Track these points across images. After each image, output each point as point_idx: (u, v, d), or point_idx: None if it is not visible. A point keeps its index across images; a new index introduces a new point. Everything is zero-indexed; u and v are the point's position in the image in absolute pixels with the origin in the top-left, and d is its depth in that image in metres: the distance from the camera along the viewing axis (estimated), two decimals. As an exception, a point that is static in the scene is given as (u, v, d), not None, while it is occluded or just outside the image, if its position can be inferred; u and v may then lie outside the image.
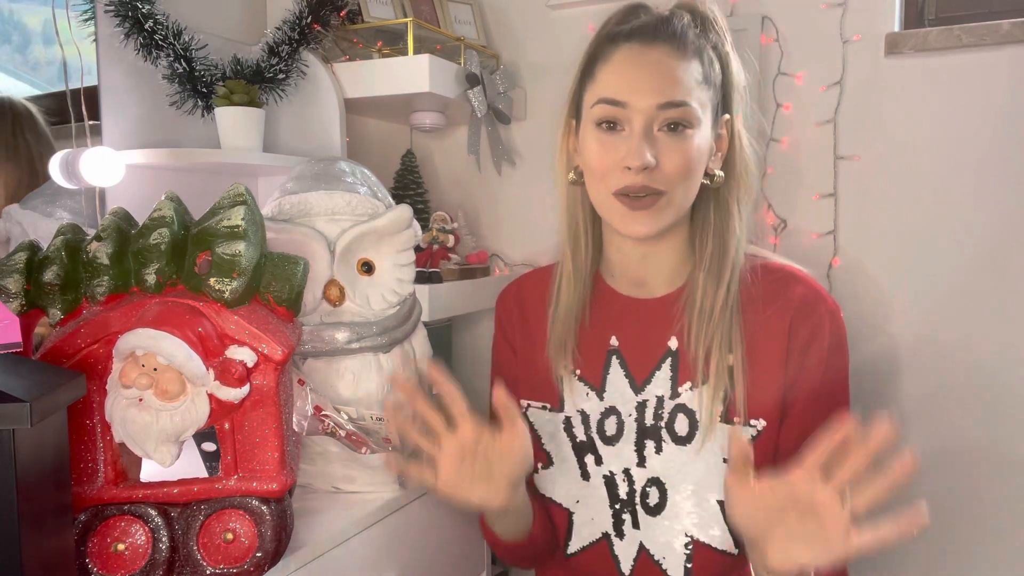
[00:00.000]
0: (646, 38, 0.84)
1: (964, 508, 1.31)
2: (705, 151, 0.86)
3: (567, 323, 0.95)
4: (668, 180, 0.85)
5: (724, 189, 0.90)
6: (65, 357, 0.79)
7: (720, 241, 0.89)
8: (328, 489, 1.05)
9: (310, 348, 1.03)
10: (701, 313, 0.88)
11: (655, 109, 0.83)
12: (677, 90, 0.83)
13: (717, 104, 0.87)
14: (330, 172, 1.10)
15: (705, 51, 0.86)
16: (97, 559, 0.79)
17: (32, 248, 0.84)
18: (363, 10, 1.38)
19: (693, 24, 0.87)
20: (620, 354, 0.94)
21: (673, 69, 0.84)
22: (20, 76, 1.18)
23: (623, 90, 0.84)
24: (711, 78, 0.86)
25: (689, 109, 0.83)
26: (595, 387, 0.94)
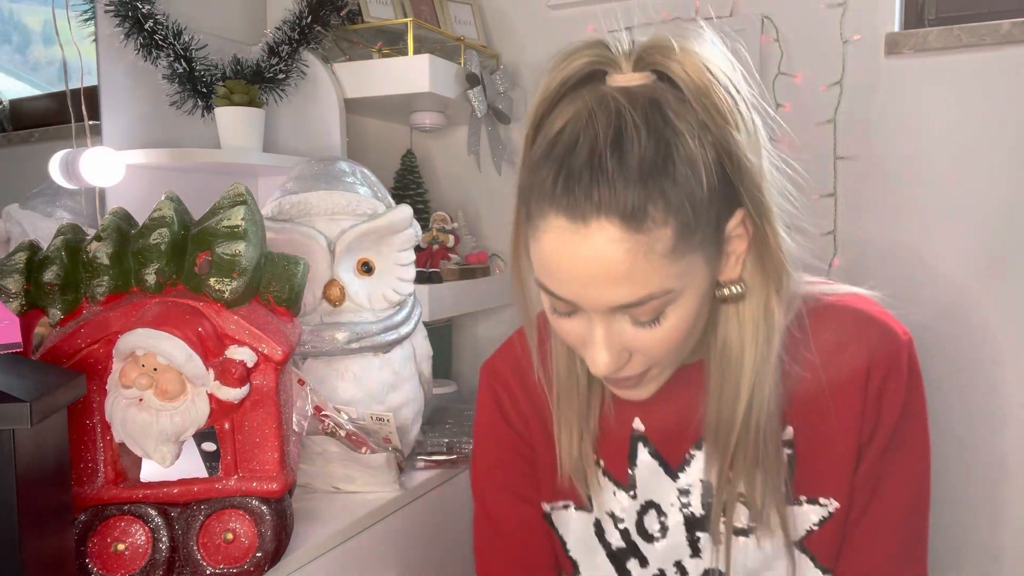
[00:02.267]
0: (574, 208, 0.57)
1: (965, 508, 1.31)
2: (697, 309, 0.63)
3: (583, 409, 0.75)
4: (647, 363, 0.66)
5: (749, 299, 0.66)
6: (65, 357, 0.79)
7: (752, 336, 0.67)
8: (328, 489, 1.05)
9: (310, 348, 1.03)
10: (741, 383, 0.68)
11: (609, 310, 0.60)
12: (629, 288, 0.59)
13: (721, 210, 0.61)
14: (330, 172, 1.10)
15: (679, 170, 0.57)
16: (97, 559, 0.79)
17: (32, 248, 0.84)
18: (363, 10, 1.38)
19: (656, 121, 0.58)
20: (647, 439, 0.76)
21: (621, 259, 0.57)
22: (20, 76, 1.18)
23: (559, 287, 0.61)
24: (700, 200, 0.58)
25: (651, 303, 0.60)
26: (622, 484, 0.77)
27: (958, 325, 1.30)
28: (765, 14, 1.36)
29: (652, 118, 0.58)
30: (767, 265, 0.65)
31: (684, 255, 0.59)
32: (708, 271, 0.62)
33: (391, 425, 1.03)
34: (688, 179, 0.57)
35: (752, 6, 1.38)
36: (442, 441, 1.20)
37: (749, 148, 0.60)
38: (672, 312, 0.61)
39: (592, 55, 0.61)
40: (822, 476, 0.72)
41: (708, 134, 0.59)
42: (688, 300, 0.61)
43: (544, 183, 0.59)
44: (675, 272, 0.59)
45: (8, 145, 1.17)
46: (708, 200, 0.59)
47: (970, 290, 1.29)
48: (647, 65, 0.61)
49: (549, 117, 0.62)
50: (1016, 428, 1.28)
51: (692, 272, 0.60)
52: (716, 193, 0.59)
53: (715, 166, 0.59)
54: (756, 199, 0.62)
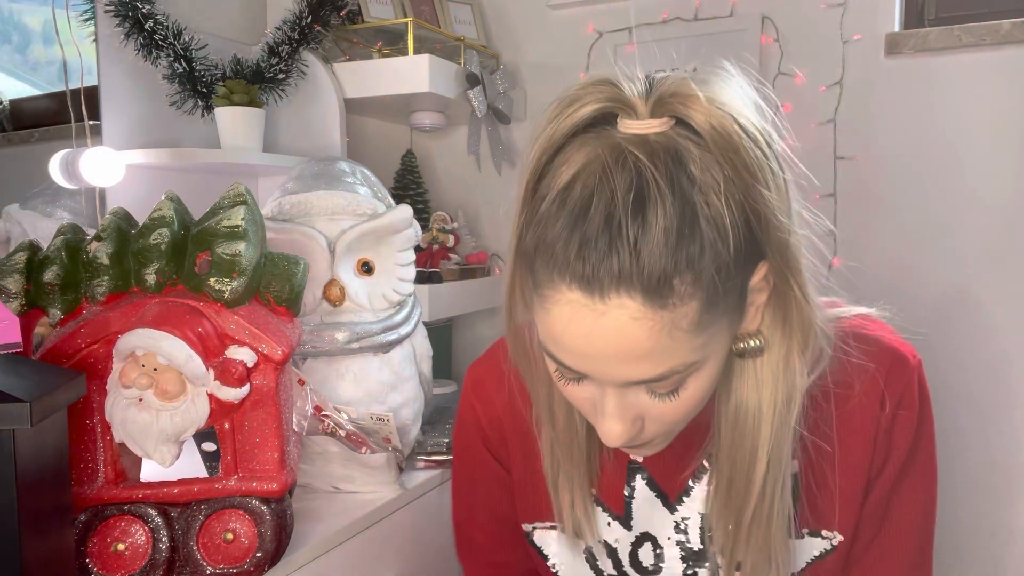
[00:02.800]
0: (591, 283, 0.51)
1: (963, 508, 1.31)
2: (718, 373, 0.59)
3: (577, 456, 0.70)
4: (660, 431, 0.61)
5: (769, 354, 0.61)
6: (65, 357, 0.79)
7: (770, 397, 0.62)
8: (328, 489, 1.05)
9: (310, 348, 1.03)
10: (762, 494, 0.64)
11: (625, 384, 0.56)
12: (649, 365, 0.54)
13: (746, 270, 0.56)
14: (330, 172, 1.10)
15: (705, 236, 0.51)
16: (97, 559, 0.79)
17: (32, 248, 0.84)
18: (363, 10, 1.38)
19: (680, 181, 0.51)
20: (645, 470, 0.72)
21: (643, 337, 0.52)
22: (20, 76, 1.18)
23: (578, 362, 0.56)
24: (726, 266, 0.52)
25: (672, 378, 0.55)
26: (617, 514, 0.73)
27: (958, 325, 1.30)
28: (765, 14, 1.37)
29: (676, 176, 0.51)
30: (790, 319, 0.59)
31: (709, 326, 0.54)
32: (730, 333, 0.58)
33: (391, 425, 1.03)
34: (715, 243, 0.51)
35: (752, 6, 1.38)
36: (442, 441, 1.20)
37: (778, 207, 0.54)
38: (692, 382, 0.57)
39: (604, 98, 0.55)
40: (827, 510, 0.69)
41: (734, 190, 0.52)
42: (710, 368, 0.57)
43: (554, 247, 0.52)
44: (698, 344, 0.54)
45: (8, 145, 1.17)
46: (735, 263, 0.53)
47: (970, 290, 1.29)
48: (666, 111, 0.54)
49: (553, 163, 0.55)
50: (1016, 428, 1.28)
51: (716, 340, 0.56)
52: (742, 253, 0.53)
53: (742, 225, 0.53)
54: (783, 256, 0.56)
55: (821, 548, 0.70)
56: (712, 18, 1.40)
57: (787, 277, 0.57)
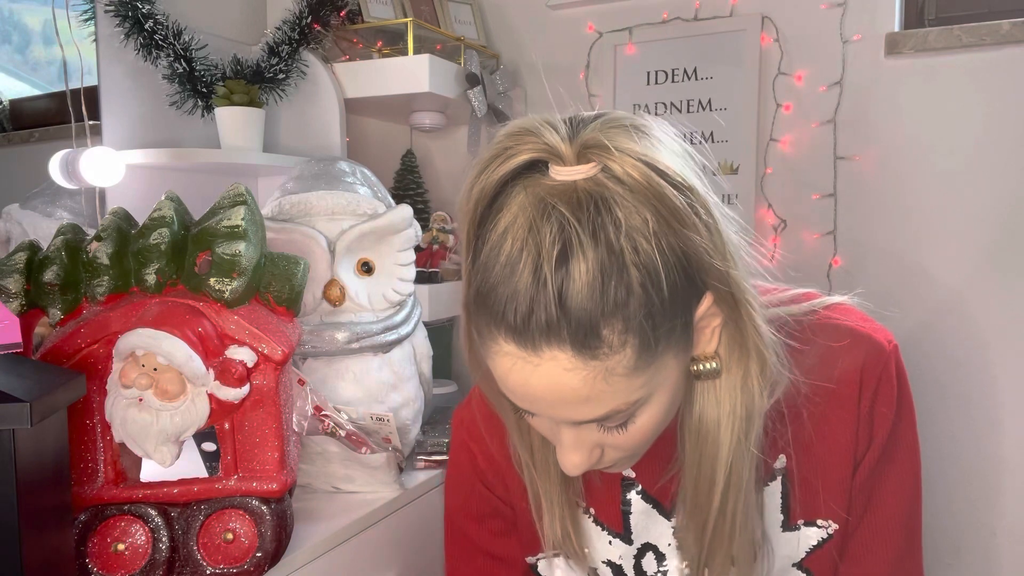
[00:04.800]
0: (522, 339, 0.52)
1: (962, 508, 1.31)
2: (671, 400, 0.59)
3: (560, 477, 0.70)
4: (619, 456, 0.62)
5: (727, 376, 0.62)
6: (65, 357, 0.79)
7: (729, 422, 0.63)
8: (328, 489, 1.05)
9: (310, 348, 1.03)
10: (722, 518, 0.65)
11: (574, 424, 0.57)
12: (589, 408, 0.55)
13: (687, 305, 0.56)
14: (330, 172, 1.10)
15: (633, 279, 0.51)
16: (97, 559, 0.79)
17: (32, 248, 0.84)
18: (363, 10, 1.38)
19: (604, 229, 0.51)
20: (638, 484, 0.73)
21: (578, 384, 0.52)
22: (20, 76, 1.18)
23: (523, 404, 0.57)
24: (659, 305, 0.52)
25: (620, 415, 0.56)
26: (617, 531, 0.74)
27: (958, 325, 1.30)
28: (765, 14, 1.37)
29: (601, 224, 0.51)
30: (745, 343, 0.60)
31: (648, 367, 0.54)
32: (680, 363, 0.58)
33: (391, 425, 1.03)
34: (645, 287, 0.51)
35: (752, 6, 1.38)
36: (442, 441, 1.20)
37: (711, 249, 0.54)
38: (642, 414, 0.57)
39: (530, 149, 0.54)
40: (819, 500, 0.70)
41: (663, 232, 0.52)
42: (659, 400, 0.58)
43: (489, 299, 0.53)
44: (640, 383, 0.54)
45: (8, 145, 1.17)
46: (670, 303, 0.53)
47: (970, 289, 1.29)
48: (591, 158, 0.54)
49: (490, 210, 0.55)
50: (1015, 428, 1.28)
51: (661, 375, 0.56)
52: (679, 293, 0.53)
53: (674, 264, 0.52)
54: (723, 293, 0.57)
55: (818, 537, 0.72)
56: (712, 18, 1.40)
57: (735, 305, 0.58)
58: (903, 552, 0.73)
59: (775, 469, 0.70)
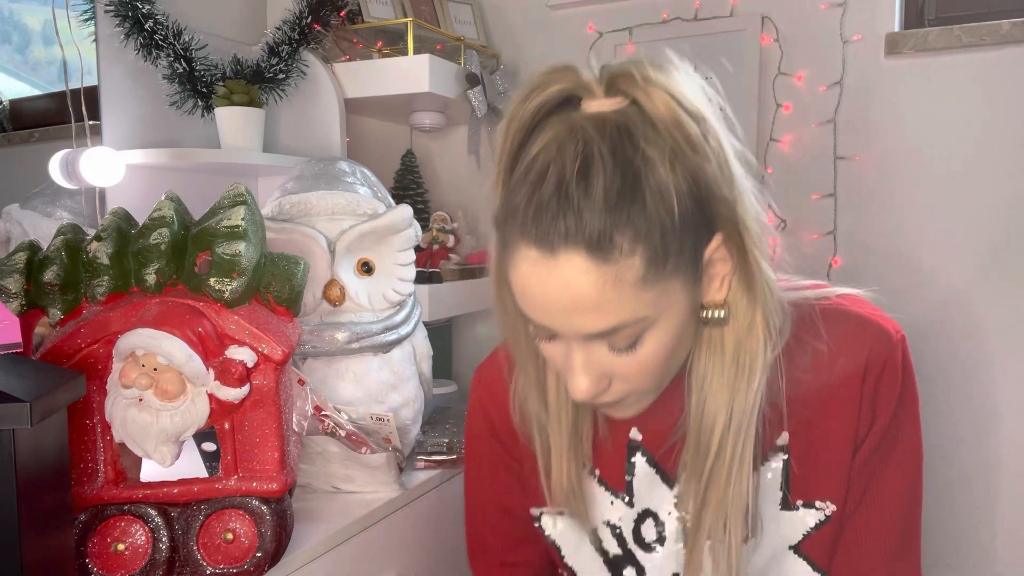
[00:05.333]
0: (543, 240, 0.57)
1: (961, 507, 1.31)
2: (677, 334, 0.63)
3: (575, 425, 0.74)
4: (627, 389, 0.65)
5: (733, 324, 0.65)
6: (65, 357, 0.79)
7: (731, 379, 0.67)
8: (328, 489, 1.05)
9: (310, 348, 1.03)
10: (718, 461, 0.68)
11: (585, 338, 0.61)
12: (600, 318, 0.59)
13: (697, 236, 0.60)
14: (330, 172, 1.10)
15: (646, 196, 0.56)
16: (97, 559, 0.79)
17: (32, 248, 0.84)
18: (363, 10, 1.38)
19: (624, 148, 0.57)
20: (644, 448, 0.76)
21: (590, 289, 0.57)
22: (20, 76, 1.18)
23: (537, 315, 0.61)
24: (670, 225, 0.57)
25: (625, 331, 0.60)
26: (620, 493, 0.77)
27: (958, 324, 1.30)
28: (765, 14, 1.37)
29: (620, 146, 0.57)
30: (754, 290, 0.64)
31: (656, 283, 0.58)
32: (687, 297, 0.61)
33: (391, 425, 1.03)
34: (657, 207, 0.56)
35: (752, 6, 1.38)
36: (442, 441, 1.20)
37: (722, 180, 0.59)
38: (649, 338, 0.61)
39: (565, 82, 0.60)
40: (818, 481, 0.72)
41: (679, 162, 0.58)
42: (666, 326, 0.61)
43: (516, 213, 0.58)
44: (648, 300, 0.58)
45: (8, 145, 1.17)
46: (680, 227, 0.58)
47: (970, 289, 1.29)
48: (619, 92, 0.59)
49: (526, 146, 0.61)
50: (1014, 427, 1.28)
51: (668, 299, 0.60)
52: (689, 220, 0.58)
53: (688, 194, 0.58)
54: (731, 227, 0.61)
55: (816, 519, 0.73)
56: (712, 18, 1.40)
57: (744, 249, 0.62)
58: (900, 544, 0.74)
59: (777, 446, 0.72)
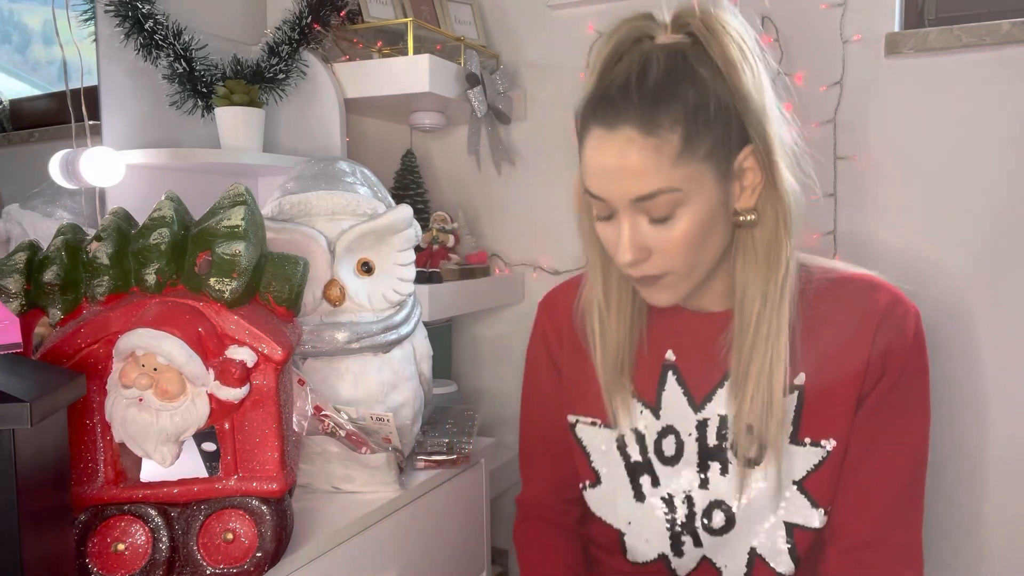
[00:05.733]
0: (607, 119, 0.74)
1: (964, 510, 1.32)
2: (707, 219, 0.76)
3: (620, 344, 0.88)
4: (665, 264, 0.78)
5: (761, 226, 0.79)
6: (65, 357, 0.79)
7: (764, 271, 0.80)
8: (328, 489, 1.05)
9: (310, 348, 1.03)
10: (757, 335, 0.80)
11: (631, 203, 0.75)
12: (643, 182, 0.74)
13: (728, 140, 0.75)
14: (330, 172, 1.10)
15: (688, 92, 0.73)
16: (97, 559, 0.79)
17: (32, 248, 0.84)
18: (363, 10, 1.38)
19: (676, 59, 0.75)
20: (677, 369, 0.88)
21: (637, 156, 0.73)
22: (20, 76, 1.18)
23: (596, 184, 0.77)
24: (704, 119, 0.73)
25: (664, 197, 0.74)
26: (650, 404, 0.88)
27: (958, 325, 1.30)
28: (765, 14, 1.37)
29: (673, 58, 0.75)
30: (779, 199, 0.77)
31: (690, 161, 0.73)
32: (718, 189, 0.76)
33: (391, 425, 1.03)
34: (697, 100, 0.73)
35: (752, 6, 1.37)
36: (442, 441, 1.20)
37: (753, 86, 0.75)
38: (682, 214, 0.75)
39: (640, 23, 0.80)
40: (826, 419, 0.82)
41: (721, 78, 0.75)
42: (696, 207, 0.75)
43: (594, 107, 0.76)
44: (682, 175, 0.74)
45: (8, 145, 1.17)
46: (715, 121, 0.74)
47: (970, 289, 1.29)
48: (681, 28, 0.78)
49: (608, 72, 0.78)
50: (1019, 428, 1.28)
51: (699, 181, 0.74)
52: (723, 120, 0.74)
53: (725, 101, 0.74)
54: (760, 134, 0.76)
55: (819, 457, 0.83)
56: (712, 18, 1.40)
57: (772, 163, 0.76)
58: (901, 503, 0.82)
59: (794, 384, 0.83)
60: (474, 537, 1.27)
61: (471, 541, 1.27)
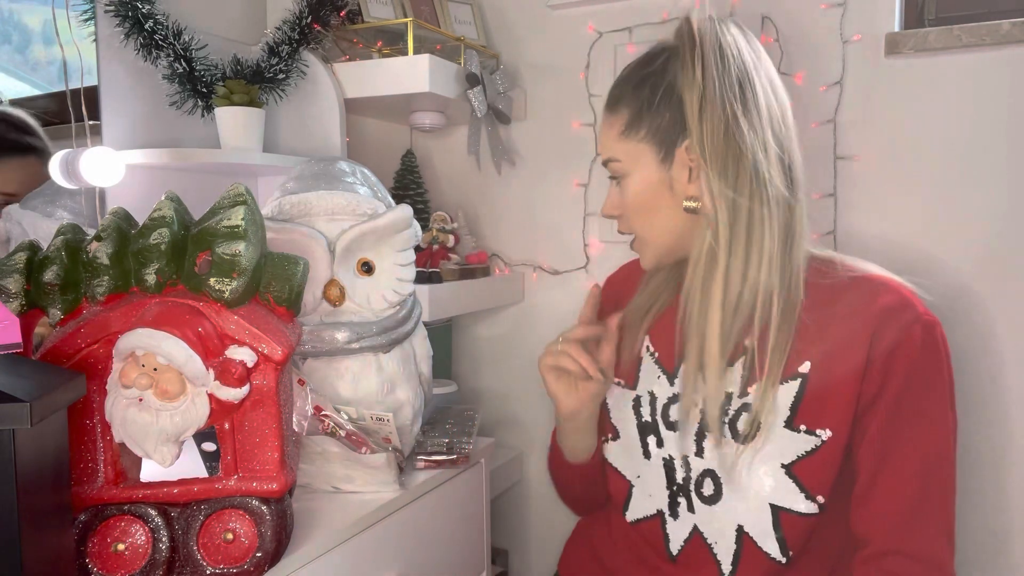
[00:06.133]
0: (605, 108, 0.96)
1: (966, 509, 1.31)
2: (648, 192, 0.92)
3: (647, 303, 1.01)
4: (629, 226, 0.96)
5: (699, 220, 0.89)
6: (65, 357, 0.79)
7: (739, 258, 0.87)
8: (328, 489, 1.05)
9: (310, 348, 1.03)
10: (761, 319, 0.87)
11: (609, 166, 0.95)
12: (603, 148, 0.96)
13: (672, 129, 0.89)
14: (330, 172, 1.10)
15: (645, 83, 0.90)
16: (97, 559, 0.79)
17: (32, 248, 0.84)
18: (363, 10, 1.38)
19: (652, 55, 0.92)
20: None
21: (601, 128, 0.96)
22: (20, 76, 1.18)
23: (600, 151, 0.98)
24: (648, 107, 0.90)
25: (612, 165, 0.94)
26: (667, 371, 0.98)
27: (959, 325, 1.30)
28: (765, 14, 1.37)
29: (652, 58, 0.92)
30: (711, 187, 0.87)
31: (630, 139, 0.92)
32: (658, 168, 0.91)
33: (391, 425, 1.03)
34: (647, 91, 0.90)
35: (752, 6, 1.38)
36: (442, 441, 1.20)
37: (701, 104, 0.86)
38: (627, 184, 0.93)
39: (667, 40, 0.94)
40: (824, 410, 0.85)
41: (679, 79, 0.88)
42: (637, 177, 0.92)
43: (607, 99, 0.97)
44: (623, 149, 0.92)
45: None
46: (657, 111, 0.89)
47: (970, 290, 1.29)
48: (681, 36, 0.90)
49: None
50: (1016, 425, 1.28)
51: (638, 157, 0.91)
52: (665, 111, 0.89)
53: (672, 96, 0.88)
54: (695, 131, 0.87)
55: (812, 444, 0.86)
56: (712, 18, 1.40)
57: (699, 162, 0.87)
58: (923, 505, 0.83)
59: (799, 372, 0.87)
60: (474, 537, 1.27)
61: (471, 541, 1.27)
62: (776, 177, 0.87)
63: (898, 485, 0.83)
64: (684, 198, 0.90)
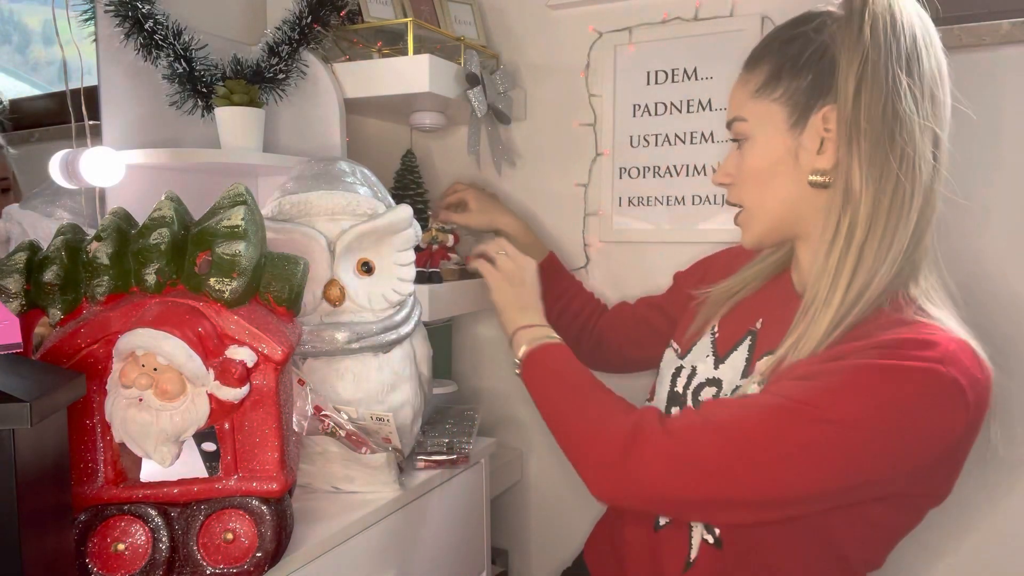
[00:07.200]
0: (744, 68, 0.92)
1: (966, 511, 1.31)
2: (771, 157, 0.87)
3: (737, 287, 1.01)
4: (740, 195, 0.92)
5: (831, 191, 0.83)
6: (65, 357, 0.79)
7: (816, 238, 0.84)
8: (328, 489, 1.05)
9: (310, 348, 1.03)
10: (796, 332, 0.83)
11: (732, 127, 0.92)
12: (730, 107, 0.92)
13: (814, 93, 0.83)
14: (330, 172, 1.10)
15: (792, 42, 0.85)
16: (97, 559, 0.79)
17: (32, 248, 0.84)
18: (363, 10, 1.38)
19: (806, 17, 0.86)
20: (756, 339, 0.94)
21: (735, 87, 0.91)
22: (20, 76, 1.18)
23: (730, 108, 0.94)
24: (792, 66, 0.85)
25: (737, 125, 0.90)
26: (718, 355, 0.97)
27: (958, 325, 1.29)
28: (765, 14, 1.36)
29: (799, 26, 0.86)
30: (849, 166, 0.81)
31: (763, 99, 0.87)
32: (787, 134, 0.85)
33: (391, 425, 1.03)
34: (793, 51, 0.85)
35: (752, 6, 1.38)
36: (442, 441, 1.20)
37: (851, 68, 0.80)
38: (749, 147, 0.89)
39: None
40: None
41: (833, 42, 0.82)
42: (761, 143, 0.87)
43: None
44: (753, 110, 0.88)
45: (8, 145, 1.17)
46: (802, 71, 0.84)
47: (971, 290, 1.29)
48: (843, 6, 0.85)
49: None
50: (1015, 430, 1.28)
51: (767, 120, 0.86)
52: (810, 71, 0.83)
53: (821, 58, 0.82)
54: (844, 104, 0.80)
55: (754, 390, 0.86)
56: (712, 18, 1.40)
57: (848, 133, 0.80)
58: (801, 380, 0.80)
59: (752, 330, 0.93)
60: (474, 537, 1.27)
61: (471, 541, 1.27)
62: (925, 164, 0.82)
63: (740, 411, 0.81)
64: (809, 171, 0.84)
